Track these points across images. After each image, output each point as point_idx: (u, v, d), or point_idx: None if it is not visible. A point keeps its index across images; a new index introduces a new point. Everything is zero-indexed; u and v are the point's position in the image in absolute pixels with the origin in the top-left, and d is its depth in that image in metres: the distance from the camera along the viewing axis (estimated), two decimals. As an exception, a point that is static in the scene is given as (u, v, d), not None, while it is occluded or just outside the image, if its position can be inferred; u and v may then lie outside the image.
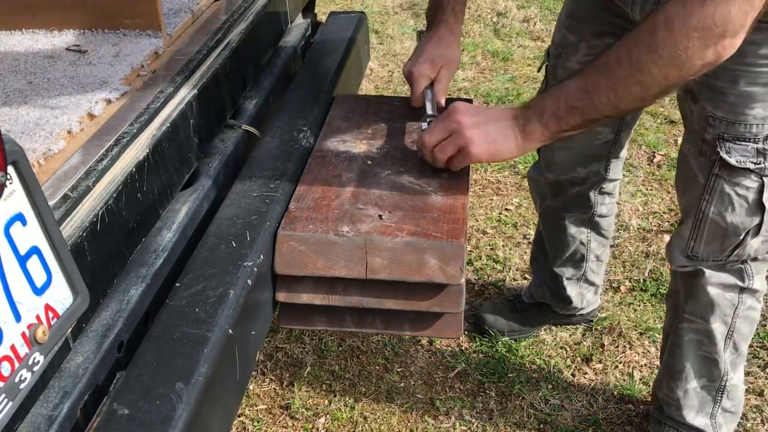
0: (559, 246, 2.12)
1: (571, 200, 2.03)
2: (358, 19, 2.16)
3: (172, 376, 1.02)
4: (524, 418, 2.03)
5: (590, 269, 2.16)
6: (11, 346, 0.84)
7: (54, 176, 1.15)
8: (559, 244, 2.12)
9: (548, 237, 2.14)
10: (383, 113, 1.66)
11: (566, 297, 2.18)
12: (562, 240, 2.10)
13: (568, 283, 2.17)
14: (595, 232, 2.10)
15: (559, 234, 2.10)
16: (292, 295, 1.31)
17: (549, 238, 2.14)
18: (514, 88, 3.62)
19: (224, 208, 1.35)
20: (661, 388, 1.85)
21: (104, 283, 1.14)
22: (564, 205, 2.05)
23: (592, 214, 2.06)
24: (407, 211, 1.32)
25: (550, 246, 2.15)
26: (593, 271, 2.18)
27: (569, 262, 2.14)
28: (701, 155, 1.51)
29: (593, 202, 2.03)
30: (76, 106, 1.33)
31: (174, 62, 1.53)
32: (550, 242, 2.14)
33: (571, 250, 2.12)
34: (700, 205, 1.55)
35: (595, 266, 2.17)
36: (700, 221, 1.56)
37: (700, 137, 1.50)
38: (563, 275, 2.16)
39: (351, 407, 2.07)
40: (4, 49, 1.57)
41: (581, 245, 2.11)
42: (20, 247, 0.86)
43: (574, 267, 2.15)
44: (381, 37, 4.19)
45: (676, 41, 1.16)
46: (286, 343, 2.26)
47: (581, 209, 2.05)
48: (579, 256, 2.13)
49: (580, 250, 2.12)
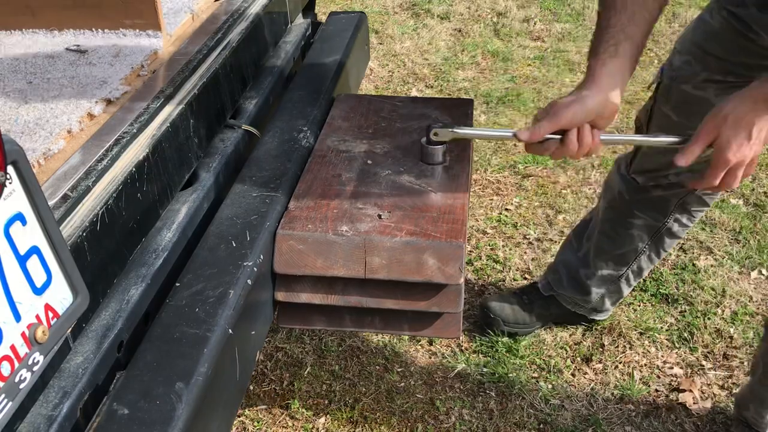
0: (614, 241, 2.05)
1: (648, 201, 1.95)
2: (358, 19, 2.16)
3: (172, 376, 1.02)
4: (524, 418, 2.03)
5: (627, 278, 2.11)
6: (11, 346, 0.84)
7: (54, 176, 1.15)
8: (614, 238, 2.04)
9: (606, 229, 2.05)
10: (384, 113, 1.66)
11: (587, 288, 2.13)
12: (620, 236, 2.03)
13: (598, 279, 2.11)
14: (654, 247, 2.03)
15: (620, 229, 2.02)
16: (291, 295, 1.31)
17: (607, 229, 2.05)
18: (514, 88, 3.62)
19: (224, 208, 1.35)
20: (749, 409, 1.86)
21: (104, 282, 1.14)
22: (640, 203, 1.96)
23: (663, 225, 1.98)
24: (407, 211, 1.32)
25: (601, 236, 2.06)
26: (627, 281, 2.12)
27: (613, 260, 2.08)
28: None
29: (670, 210, 1.95)
30: (76, 106, 1.33)
31: (174, 62, 1.53)
32: (605, 233, 2.06)
33: (622, 250, 2.05)
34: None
35: (632, 277, 2.12)
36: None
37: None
38: (599, 270, 2.10)
39: (351, 407, 2.07)
40: (4, 49, 1.57)
41: (634, 252, 2.04)
42: (20, 246, 0.86)
43: (615, 267, 2.09)
44: (381, 37, 4.19)
45: None
46: (286, 343, 2.26)
47: (656, 214, 1.97)
48: (625, 260, 2.07)
49: (630, 255, 2.06)
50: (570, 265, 2.18)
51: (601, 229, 2.08)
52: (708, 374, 2.13)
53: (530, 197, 2.86)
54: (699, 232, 2.64)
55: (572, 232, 2.22)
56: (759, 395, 1.81)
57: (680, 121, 1.72)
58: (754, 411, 1.84)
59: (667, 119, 1.76)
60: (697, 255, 2.55)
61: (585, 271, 2.14)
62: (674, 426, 2.00)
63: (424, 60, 3.93)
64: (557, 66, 3.85)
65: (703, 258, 2.53)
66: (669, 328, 2.28)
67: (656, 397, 2.08)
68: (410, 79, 3.76)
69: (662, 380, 2.13)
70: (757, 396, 1.81)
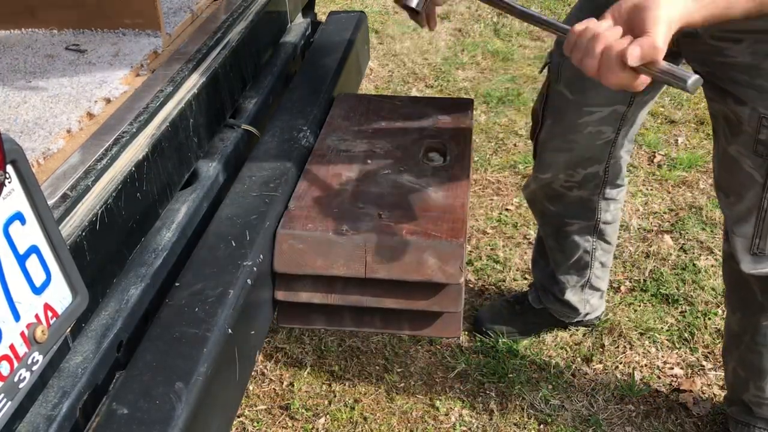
0: (563, 253, 2.09)
1: (573, 206, 2.00)
2: (358, 18, 2.16)
3: (171, 376, 1.02)
4: (524, 419, 2.03)
5: (594, 275, 2.14)
6: (10, 346, 0.83)
7: (53, 175, 1.15)
8: (562, 251, 2.09)
9: (551, 244, 2.11)
10: (384, 113, 1.66)
11: (570, 304, 2.16)
12: (565, 248, 2.07)
13: (572, 290, 2.15)
14: (600, 240, 2.07)
15: (562, 242, 2.07)
16: (291, 294, 1.31)
17: (552, 245, 2.11)
18: (514, 88, 3.62)
19: (224, 207, 1.35)
20: (748, 390, 1.83)
21: (104, 282, 1.14)
22: (566, 211, 2.01)
23: (597, 221, 2.02)
24: (407, 210, 1.32)
25: (552, 253, 2.12)
26: (598, 277, 2.16)
27: (573, 269, 2.12)
28: (756, 155, 1.52)
29: (597, 208, 2.00)
30: (76, 106, 1.33)
31: (173, 61, 1.53)
32: (553, 249, 2.11)
33: (574, 258, 2.09)
34: (762, 204, 1.56)
35: (600, 272, 2.15)
36: (763, 219, 1.57)
37: (753, 138, 1.50)
38: (567, 283, 2.14)
39: (351, 407, 2.07)
40: (4, 48, 1.57)
41: (585, 253, 2.08)
42: (19, 246, 0.86)
43: (578, 274, 2.13)
44: (381, 37, 4.19)
45: None
46: (286, 343, 2.26)
47: (585, 216, 2.01)
48: (583, 263, 2.11)
49: (584, 258, 2.09)
50: (544, 283, 2.20)
51: (549, 246, 2.12)
52: (708, 374, 2.13)
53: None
54: (699, 232, 2.64)
55: (534, 250, 2.25)
56: (754, 368, 1.78)
57: (576, 98, 1.73)
58: (755, 388, 1.81)
59: (561, 97, 1.77)
60: (697, 255, 2.55)
61: (557, 288, 2.16)
62: (674, 426, 2.00)
63: (424, 60, 3.93)
64: (557, 66, 3.85)
65: (704, 258, 2.53)
66: (669, 328, 2.28)
67: (656, 398, 2.08)
68: (410, 78, 3.76)
69: (662, 380, 2.13)
70: (753, 370, 1.79)
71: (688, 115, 3.34)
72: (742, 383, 1.85)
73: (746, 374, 1.81)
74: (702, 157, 3.03)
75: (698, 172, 2.97)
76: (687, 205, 2.79)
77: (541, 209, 2.07)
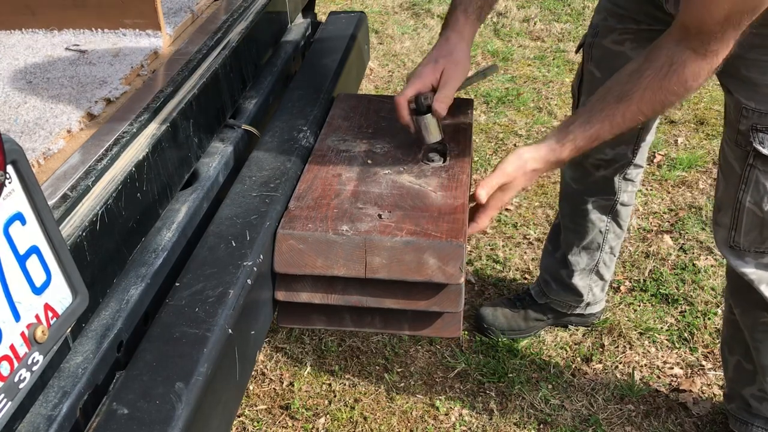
0: (578, 232, 2.13)
1: (595, 184, 2.04)
2: (358, 19, 2.16)
3: (171, 376, 1.02)
4: (524, 418, 2.03)
5: (603, 261, 2.18)
6: (10, 346, 0.83)
7: (53, 176, 1.15)
8: (577, 230, 2.13)
9: (566, 223, 2.15)
10: (384, 113, 1.66)
11: (576, 289, 2.19)
12: (581, 226, 2.11)
13: (579, 273, 2.18)
14: (614, 221, 2.12)
15: (579, 219, 2.11)
16: (291, 294, 1.31)
17: (567, 225, 2.15)
18: (514, 88, 3.62)
19: (224, 207, 1.35)
20: (753, 383, 1.82)
21: (104, 282, 1.14)
22: (587, 188, 2.06)
23: (615, 201, 2.07)
24: (407, 211, 1.32)
25: (567, 234, 2.16)
26: (605, 264, 2.19)
27: (585, 250, 2.16)
28: (736, 146, 1.54)
29: (617, 188, 2.04)
30: (76, 106, 1.33)
31: (174, 62, 1.53)
32: (568, 229, 2.15)
33: (588, 238, 2.13)
34: (737, 195, 1.57)
35: (608, 259, 2.19)
36: (738, 211, 1.58)
37: (735, 128, 1.53)
38: (576, 265, 2.17)
39: (351, 407, 2.07)
40: (4, 49, 1.57)
41: (599, 234, 2.13)
42: (19, 246, 0.86)
43: (589, 256, 2.16)
44: (381, 37, 4.19)
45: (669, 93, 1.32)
46: (286, 343, 2.26)
47: (605, 195, 2.06)
48: (595, 245, 2.15)
49: (597, 239, 2.14)
50: (552, 269, 2.24)
51: (564, 226, 2.17)
52: (708, 374, 2.13)
53: (530, 197, 2.86)
54: (699, 232, 2.64)
55: (547, 239, 2.31)
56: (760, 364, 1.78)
57: (603, 77, 1.75)
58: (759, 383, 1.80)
59: (591, 76, 1.84)
60: (697, 255, 2.55)
61: (566, 271, 2.20)
62: (674, 426, 2.00)
63: (424, 60, 3.93)
64: (557, 66, 3.85)
65: (703, 258, 2.53)
66: (669, 328, 2.28)
67: (656, 397, 2.08)
68: (410, 79, 3.76)
69: (662, 380, 2.13)
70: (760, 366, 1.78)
71: (688, 116, 3.34)
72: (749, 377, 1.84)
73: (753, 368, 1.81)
74: (702, 157, 3.04)
75: (698, 172, 2.97)
76: (687, 205, 2.79)
77: (563, 187, 2.13)
